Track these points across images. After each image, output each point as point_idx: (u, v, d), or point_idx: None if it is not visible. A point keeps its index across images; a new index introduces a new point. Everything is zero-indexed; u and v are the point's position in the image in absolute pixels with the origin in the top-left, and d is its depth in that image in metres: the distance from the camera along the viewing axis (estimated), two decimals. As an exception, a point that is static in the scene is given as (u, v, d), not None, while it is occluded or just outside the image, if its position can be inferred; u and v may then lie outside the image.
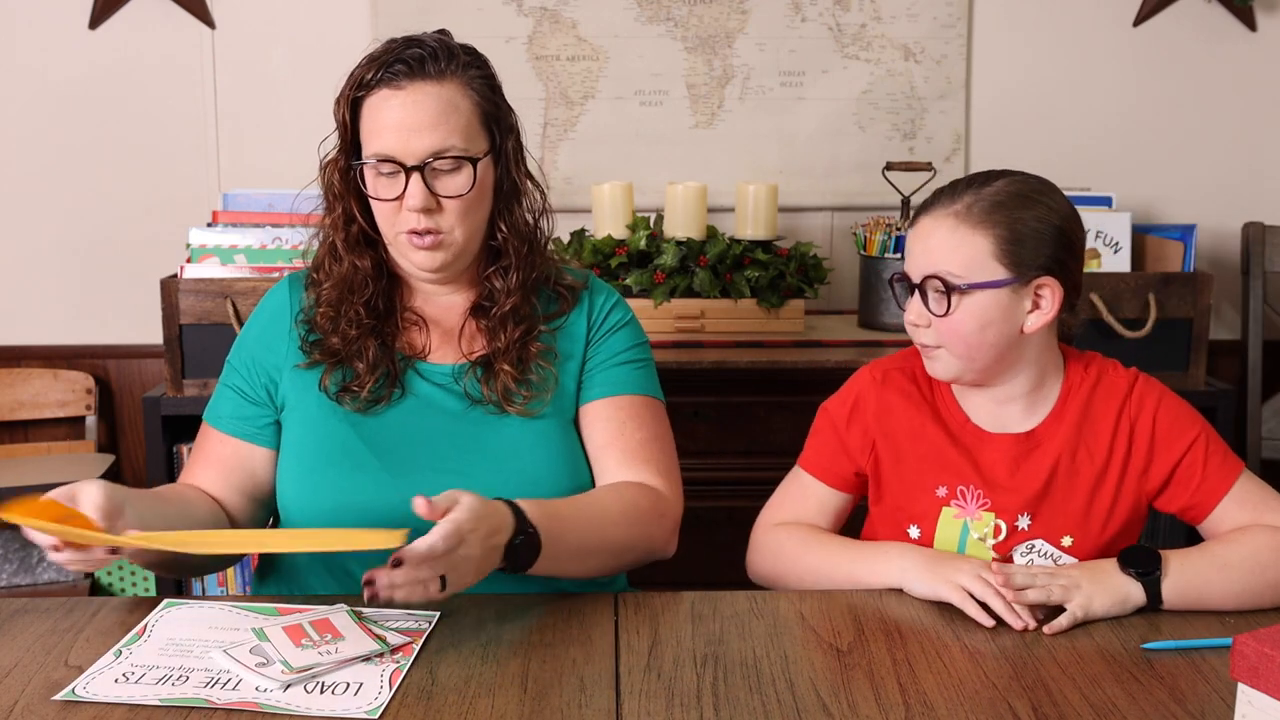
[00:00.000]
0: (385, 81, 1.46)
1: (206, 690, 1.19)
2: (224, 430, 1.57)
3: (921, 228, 1.48)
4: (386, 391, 1.52)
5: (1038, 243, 1.44)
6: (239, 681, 1.21)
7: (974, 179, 1.49)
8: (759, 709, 1.17)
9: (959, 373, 1.50)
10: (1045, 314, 1.47)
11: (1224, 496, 1.47)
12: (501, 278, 1.56)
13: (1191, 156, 2.97)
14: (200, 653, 1.27)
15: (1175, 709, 1.18)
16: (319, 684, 1.21)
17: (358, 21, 2.85)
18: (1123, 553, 1.40)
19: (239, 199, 2.64)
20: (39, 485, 2.66)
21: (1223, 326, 2.97)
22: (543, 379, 1.55)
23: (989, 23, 2.92)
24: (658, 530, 1.53)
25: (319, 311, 1.55)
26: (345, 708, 1.17)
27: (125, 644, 1.29)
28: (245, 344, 1.60)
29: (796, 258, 2.59)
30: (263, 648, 1.27)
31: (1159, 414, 1.50)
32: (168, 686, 1.20)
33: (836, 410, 1.60)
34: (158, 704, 1.17)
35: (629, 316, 1.65)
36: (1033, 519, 1.49)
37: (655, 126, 2.92)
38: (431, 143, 1.45)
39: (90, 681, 1.21)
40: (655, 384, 1.64)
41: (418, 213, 1.47)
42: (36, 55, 2.87)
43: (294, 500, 1.53)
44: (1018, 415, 1.53)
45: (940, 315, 1.45)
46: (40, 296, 2.96)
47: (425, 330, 1.58)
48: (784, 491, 1.62)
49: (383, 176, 1.48)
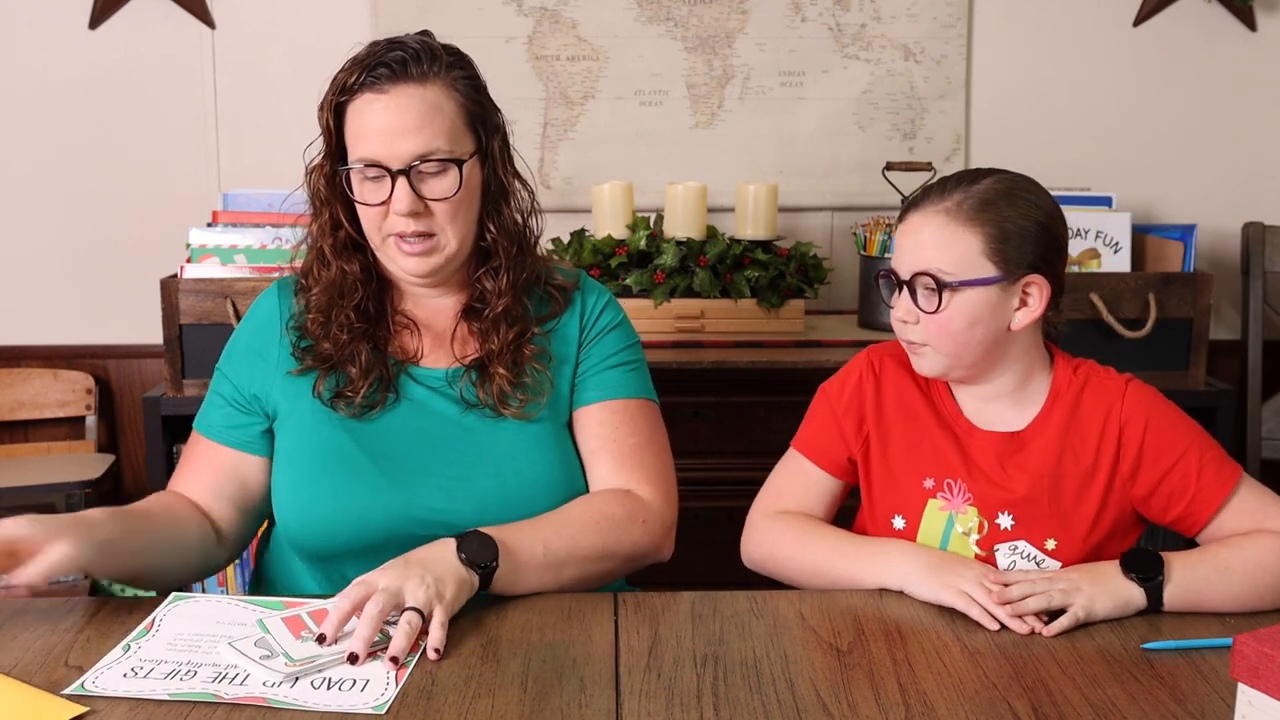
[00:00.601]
0: (368, 85, 1.45)
1: (214, 685, 1.19)
2: (215, 439, 1.56)
3: (910, 224, 1.48)
4: (381, 396, 1.51)
5: (1026, 241, 1.45)
6: (246, 676, 1.21)
7: (962, 177, 1.49)
8: (759, 709, 1.17)
9: (946, 369, 1.50)
10: (1032, 311, 1.47)
11: (1219, 508, 1.45)
12: (492, 279, 1.55)
13: (1191, 156, 2.97)
14: (208, 647, 1.27)
15: (1175, 709, 1.18)
16: (325, 679, 1.21)
17: (358, 21, 2.85)
18: (1124, 556, 1.40)
19: (239, 199, 2.64)
20: (39, 485, 2.68)
21: (1223, 326, 2.97)
22: (538, 382, 1.54)
23: (989, 23, 2.92)
24: (639, 535, 1.51)
25: (309, 317, 1.54)
26: (353, 703, 1.17)
27: (134, 638, 1.29)
28: (235, 352, 1.59)
29: (796, 258, 2.60)
30: (266, 640, 1.27)
31: (1150, 422, 1.48)
32: (175, 681, 1.20)
33: (834, 392, 1.60)
34: (166, 698, 1.17)
35: (620, 317, 1.64)
36: (1015, 520, 1.48)
37: (655, 126, 2.92)
38: (416, 145, 1.44)
39: (99, 676, 1.21)
40: (648, 385, 1.63)
41: (405, 216, 1.46)
42: (36, 55, 2.87)
43: (290, 508, 1.52)
44: (1005, 413, 1.52)
45: (930, 312, 1.45)
46: (40, 296, 2.96)
47: (417, 334, 1.57)
48: (780, 475, 1.61)
49: (368, 181, 1.47)
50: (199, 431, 1.58)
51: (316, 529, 1.49)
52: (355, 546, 1.48)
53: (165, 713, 1.16)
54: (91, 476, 2.72)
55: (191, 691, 1.18)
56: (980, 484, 1.50)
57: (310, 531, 1.49)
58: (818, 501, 1.58)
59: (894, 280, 1.50)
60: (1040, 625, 1.34)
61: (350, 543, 1.48)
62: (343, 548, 1.48)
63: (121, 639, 1.31)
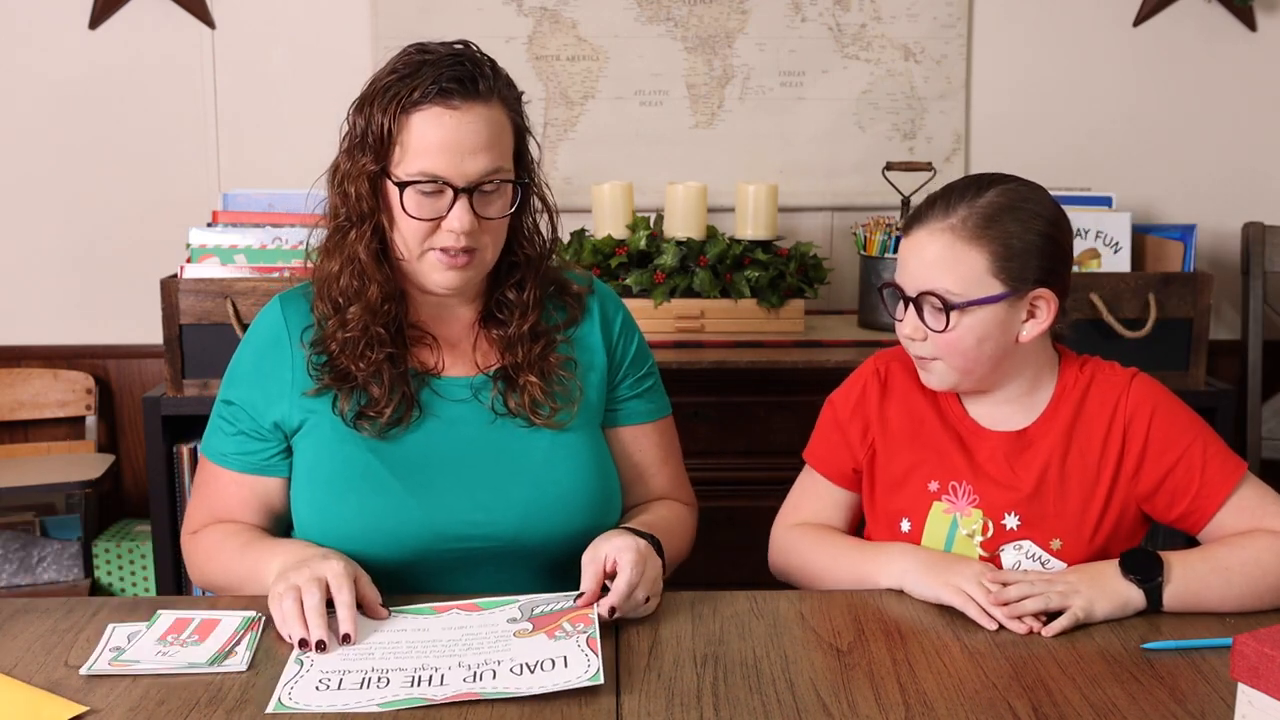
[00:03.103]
0: (438, 99, 1.40)
1: (417, 689, 1.19)
2: (232, 468, 1.53)
3: (915, 240, 1.47)
4: (405, 413, 1.48)
5: (1031, 256, 1.44)
6: (442, 675, 1.21)
7: (966, 189, 1.47)
8: (759, 709, 1.17)
9: (955, 383, 1.50)
10: (1041, 323, 1.47)
11: (1222, 504, 1.45)
12: (517, 292, 1.53)
13: (1191, 156, 2.97)
14: (382, 655, 1.26)
15: (1175, 709, 1.18)
16: (522, 665, 1.22)
17: (358, 21, 2.85)
18: (1123, 556, 1.40)
19: (239, 199, 2.64)
20: (39, 485, 2.68)
21: (1223, 326, 2.97)
22: (567, 390, 1.53)
23: (989, 23, 2.92)
24: (690, 540, 1.65)
25: (345, 336, 1.47)
26: (567, 679, 1.18)
27: (301, 654, 1.27)
28: (240, 378, 1.54)
29: (796, 258, 2.59)
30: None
31: (1154, 417, 1.48)
32: (377, 691, 1.19)
33: (840, 404, 1.61)
34: (378, 709, 1.16)
35: (632, 320, 1.65)
36: (1021, 520, 1.48)
37: (655, 126, 2.92)
38: (484, 165, 1.42)
39: (292, 691, 1.19)
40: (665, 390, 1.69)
41: (459, 234, 1.42)
42: (37, 55, 2.87)
43: (315, 526, 1.49)
44: (1013, 415, 1.53)
45: (938, 331, 1.45)
46: (40, 296, 2.96)
47: (434, 346, 1.53)
48: (797, 489, 1.65)
49: (423, 195, 1.42)
50: (212, 460, 1.55)
51: (342, 548, 1.43)
52: (385, 564, 1.44)
53: (166, 712, 1.16)
54: (91, 476, 2.72)
55: (398, 699, 1.17)
56: (986, 486, 1.50)
57: (337, 548, 1.44)
58: (833, 512, 1.62)
59: (899, 294, 1.49)
60: (1039, 626, 1.34)
61: (379, 561, 1.43)
62: (370, 565, 1.41)
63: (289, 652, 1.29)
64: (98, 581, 2.81)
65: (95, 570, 2.81)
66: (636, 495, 1.62)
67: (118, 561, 2.82)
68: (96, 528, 2.86)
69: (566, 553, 1.46)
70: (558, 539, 1.48)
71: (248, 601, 1.42)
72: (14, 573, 2.73)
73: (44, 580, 2.74)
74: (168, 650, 1.28)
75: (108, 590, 2.83)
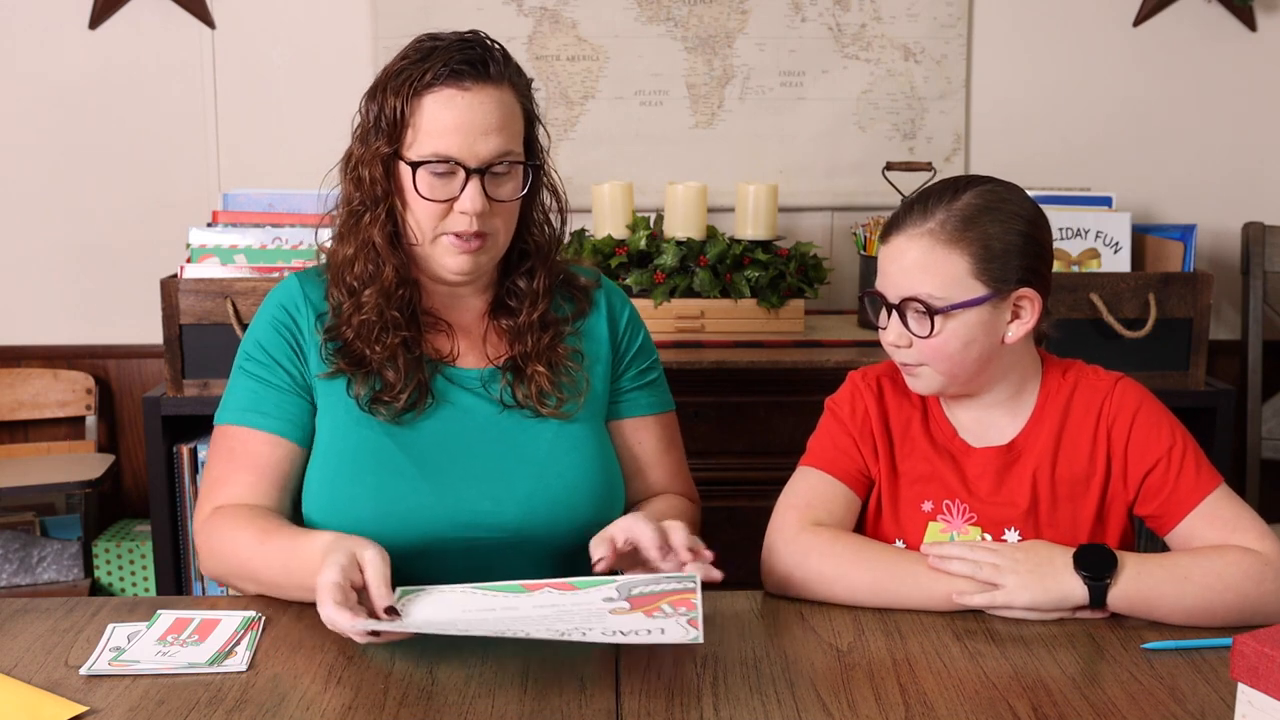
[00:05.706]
0: (450, 80, 1.42)
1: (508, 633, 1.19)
2: (265, 429, 1.47)
3: (895, 247, 1.45)
4: (420, 399, 1.48)
5: (1012, 255, 1.43)
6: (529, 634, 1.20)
7: (942, 192, 1.45)
8: (759, 709, 1.17)
9: (942, 387, 1.49)
10: (1025, 323, 1.46)
11: (1190, 512, 1.43)
12: (527, 280, 1.54)
13: (1191, 156, 2.97)
14: (466, 625, 1.23)
15: (1175, 709, 1.18)
16: (619, 632, 1.19)
17: (358, 21, 2.85)
18: (1079, 550, 1.38)
19: (239, 199, 2.64)
20: (39, 485, 2.68)
21: (1223, 326, 2.97)
22: (574, 381, 1.54)
23: (989, 23, 2.91)
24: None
25: (361, 319, 1.47)
26: (668, 638, 1.17)
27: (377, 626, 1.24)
28: (268, 331, 1.51)
29: (796, 258, 2.60)
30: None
31: (1135, 420, 1.47)
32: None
33: (845, 409, 1.57)
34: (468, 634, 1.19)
35: (638, 316, 1.66)
36: (1022, 535, 1.47)
37: (655, 126, 2.92)
38: (496, 146, 1.43)
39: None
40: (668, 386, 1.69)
41: (471, 215, 1.43)
42: (37, 56, 2.87)
43: (327, 507, 1.47)
44: (1000, 424, 1.51)
45: (923, 336, 1.44)
46: (40, 296, 2.96)
47: (450, 333, 1.54)
48: (800, 491, 1.53)
49: (436, 177, 1.43)
50: (237, 424, 1.48)
51: (356, 531, 1.38)
52: (393, 550, 1.38)
53: (166, 712, 1.16)
54: (91, 476, 2.72)
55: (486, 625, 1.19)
56: (979, 502, 1.49)
57: (349, 532, 1.39)
58: (846, 516, 1.52)
59: (880, 302, 1.48)
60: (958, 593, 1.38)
61: (387, 546, 1.37)
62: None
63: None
64: (98, 581, 2.81)
65: (95, 570, 2.81)
66: (636, 489, 1.62)
67: (118, 561, 2.82)
68: (96, 528, 2.86)
69: (570, 545, 1.46)
70: (561, 532, 1.48)
71: (247, 602, 1.42)
72: (14, 573, 2.73)
73: (44, 580, 2.74)
74: (168, 650, 1.28)
75: (108, 590, 2.83)
